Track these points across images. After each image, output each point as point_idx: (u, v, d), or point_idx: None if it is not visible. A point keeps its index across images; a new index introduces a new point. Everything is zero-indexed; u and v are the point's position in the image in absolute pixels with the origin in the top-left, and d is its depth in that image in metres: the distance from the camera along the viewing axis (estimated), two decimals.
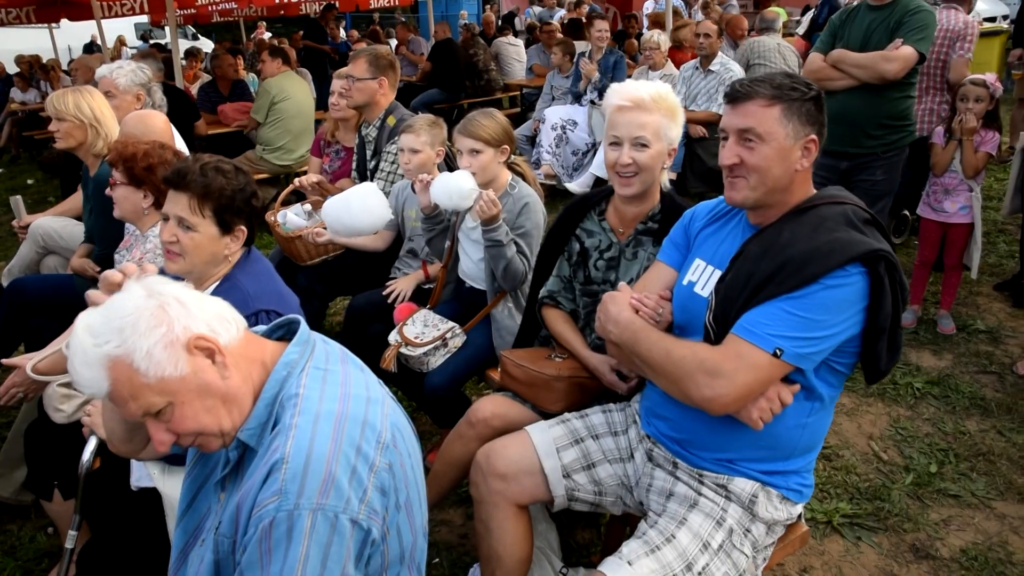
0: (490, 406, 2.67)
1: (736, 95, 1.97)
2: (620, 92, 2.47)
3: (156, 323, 1.46)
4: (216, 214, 2.30)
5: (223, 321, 1.56)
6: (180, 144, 3.86)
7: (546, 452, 2.31)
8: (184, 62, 9.78)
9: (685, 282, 2.15)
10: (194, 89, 9.05)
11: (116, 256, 3.04)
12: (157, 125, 3.61)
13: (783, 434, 2.01)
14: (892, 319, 1.89)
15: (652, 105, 2.41)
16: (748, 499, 2.06)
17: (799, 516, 2.19)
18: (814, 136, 1.97)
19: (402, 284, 3.69)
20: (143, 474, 2.33)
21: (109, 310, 1.47)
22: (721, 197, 2.15)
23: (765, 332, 1.85)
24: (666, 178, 2.62)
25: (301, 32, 13.58)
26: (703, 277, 2.10)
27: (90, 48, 19.30)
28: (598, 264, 2.66)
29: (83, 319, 1.48)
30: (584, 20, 9.69)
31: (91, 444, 2.41)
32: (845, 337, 1.88)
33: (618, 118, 2.45)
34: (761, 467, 2.06)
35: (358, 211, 3.52)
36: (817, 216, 1.95)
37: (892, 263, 1.86)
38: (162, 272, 2.53)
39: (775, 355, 1.84)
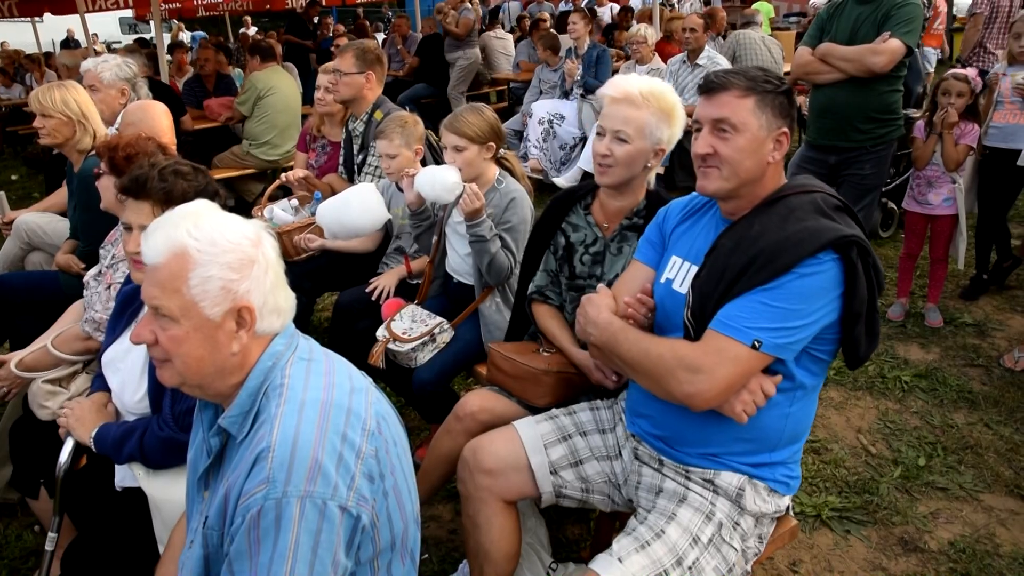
0: (478, 400, 2.66)
1: (711, 86, 1.98)
2: (614, 84, 2.47)
3: (237, 267, 1.52)
4: None
5: (275, 314, 1.60)
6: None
7: (533, 448, 2.30)
8: (169, 56, 9.71)
9: (663, 280, 2.16)
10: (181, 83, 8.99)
11: (101, 251, 3.00)
12: (157, 115, 3.59)
13: (767, 425, 2.01)
14: (868, 304, 1.90)
15: (641, 101, 2.40)
16: (735, 492, 2.06)
17: (787, 509, 2.19)
18: (786, 129, 1.98)
19: (384, 280, 3.67)
20: (127, 474, 2.31)
21: (228, 223, 1.56)
22: (695, 193, 2.16)
23: (742, 325, 1.86)
24: (652, 176, 2.62)
25: (283, 28, 13.53)
26: (680, 274, 2.11)
27: (67, 44, 19.14)
28: (583, 259, 2.66)
29: (203, 205, 1.60)
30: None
31: (68, 445, 2.39)
32: (823, 324, 1.89)
33: (608, 109, 2.46)
34: (747, 459, 2.05)
35: (359, 212, 3.51)
36: (786, 206, 1.96)
37: (864, 248, 1.87)
38: (127, 281, 2.53)
39: (754, 347, 1.84)
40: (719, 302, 1.92)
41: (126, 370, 2.36)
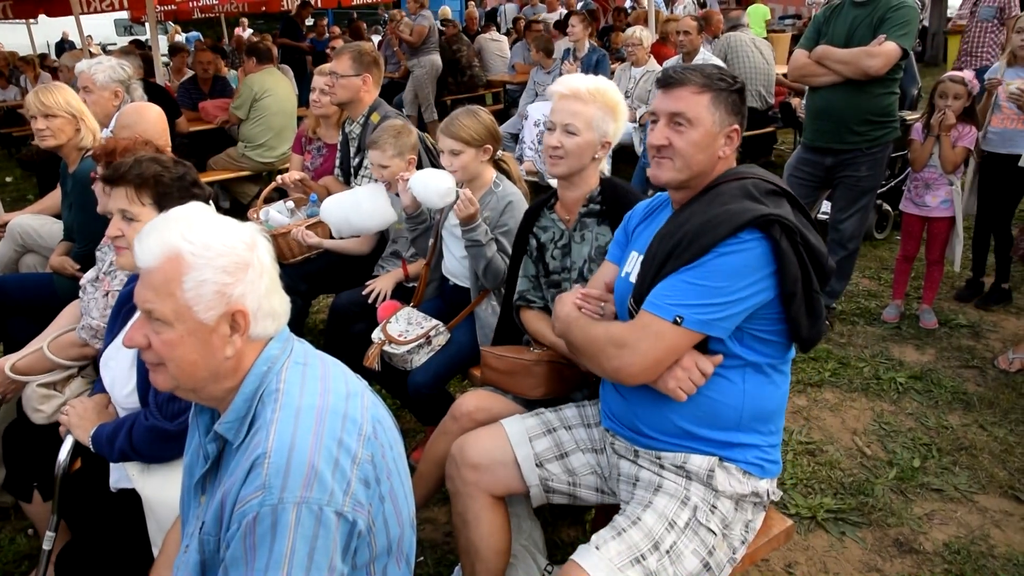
0: (474, 400, 2.68)
1: (669, 81, 2.07)
2: (562, 82, 2.63)
3: (231, 271, 1.52)
4: (156, 202, 2.32)
5: (270, 318, 1.59)
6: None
7: (519, 441, 2.35)
8: (169, 59, 9.70)
9: (623, 274, 2.24)
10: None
11: (98, 253, 3.00)
12: (152, 117, 3.60)
13: (720, 401, 2.04)
14: (804, 284, 1.94)
15: (588, 97, 2.55)
16: (706, 475, 2.08)
17: (767, 494, 2.18)
18: (736, 126, 2.08)
19: (381, 283, 3.67)
20: (122, 475, 2.31)
21: (222, 226, 1.55)
22: (659, 194, 2.27)
23: (665, 303, 1.94)
24: (605, 166, 2.72)
25: (278, 30, 13.51)
26: (635, 267, 2.18)
27: (61, 46, 19.06)
28: (554, 254, 2.75)
29: (197, 209, 1.59)
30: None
31: (67, 444, 2.39)
32: (755, 303, 1.93)
33: (557, 105, 2.61)
34: (712, 437, 2.07)
35: (369, 212, 3.53)
36: (716, 193, 2.04)
37: (788, 227, 1.91)
38: (126, 285, 2.54)
39: (676, 323, 1.92)
40: (651, 285, 2.00)
41: (116, 366, 2.37)
